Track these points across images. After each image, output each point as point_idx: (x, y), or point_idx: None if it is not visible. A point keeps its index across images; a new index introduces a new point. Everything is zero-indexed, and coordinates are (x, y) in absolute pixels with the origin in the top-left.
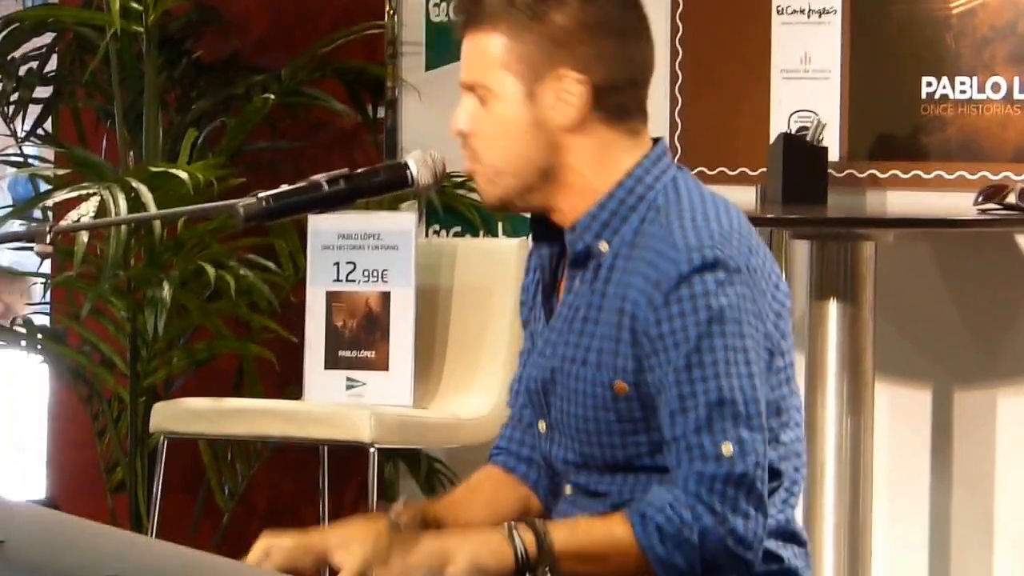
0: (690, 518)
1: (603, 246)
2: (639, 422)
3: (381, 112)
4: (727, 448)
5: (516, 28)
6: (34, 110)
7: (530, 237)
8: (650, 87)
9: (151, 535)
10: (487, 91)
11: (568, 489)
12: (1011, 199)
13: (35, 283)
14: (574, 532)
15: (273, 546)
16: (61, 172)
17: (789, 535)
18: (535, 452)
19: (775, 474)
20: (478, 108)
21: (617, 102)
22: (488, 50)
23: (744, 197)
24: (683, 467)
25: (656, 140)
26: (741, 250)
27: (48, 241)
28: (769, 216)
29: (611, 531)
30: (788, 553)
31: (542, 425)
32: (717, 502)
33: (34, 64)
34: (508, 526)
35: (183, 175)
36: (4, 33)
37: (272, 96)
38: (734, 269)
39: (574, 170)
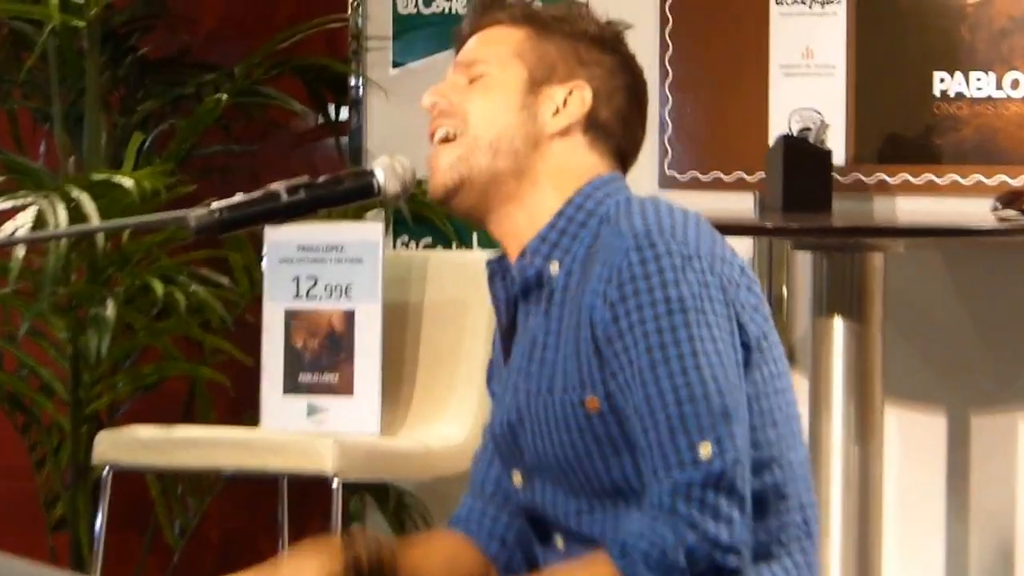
0: (672, 540)
1: (554, 267)
2: (618, 439)
3: (344, 113)
4: (705, 449)
5: (546, 32)
6: None
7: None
8: None
9: None
10: (488, 72)
11: (560, 541)
12: None
13: None
14: None
15: None
16: None
17: None
18: (497, 524)
19: (781, 496)
20: (467, 86)
21: (604, 128)
22: (509, 38)
23: (741, 204)
24: (660, 475)
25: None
26: (701, 241)
27: None
28: (768, 225)
29: (594, 574)
30: None
31: (517, 477)
32: (696, 512)
33: None
34: None
35: (128, 183)
36: None
37: (225, 96)
38: (690, 255)
39: (539, 178)
